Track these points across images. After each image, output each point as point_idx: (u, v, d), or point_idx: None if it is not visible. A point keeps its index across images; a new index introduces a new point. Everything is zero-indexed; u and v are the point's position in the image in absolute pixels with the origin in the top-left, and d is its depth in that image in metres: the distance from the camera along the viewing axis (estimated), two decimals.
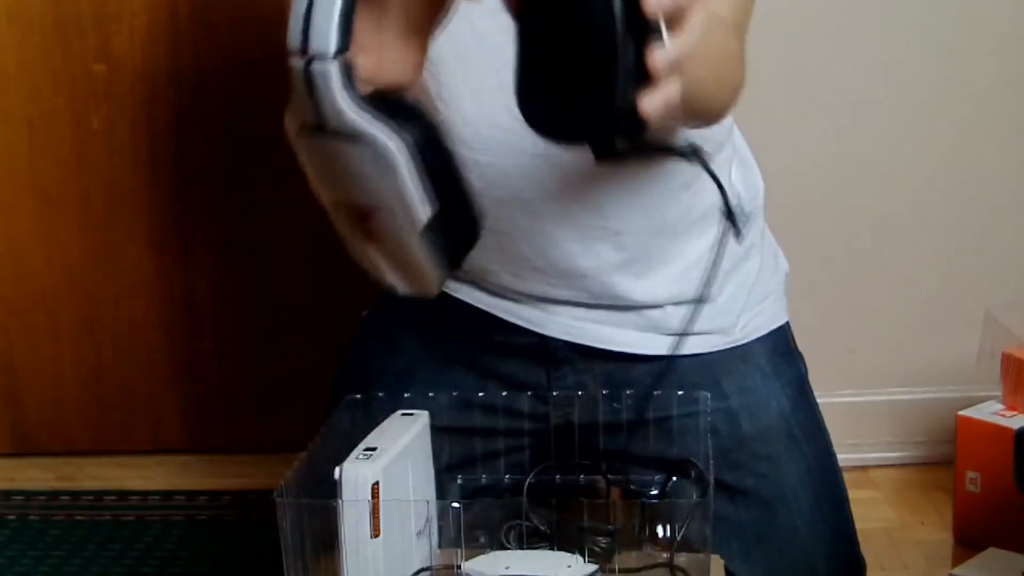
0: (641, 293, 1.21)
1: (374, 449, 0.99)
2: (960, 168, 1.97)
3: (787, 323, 1.32)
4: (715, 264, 1.21)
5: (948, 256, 1.99)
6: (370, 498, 0.95)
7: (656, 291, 1.22)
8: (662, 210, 1.19)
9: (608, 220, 1.17)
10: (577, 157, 1.11)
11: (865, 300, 1.98)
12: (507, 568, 0.98)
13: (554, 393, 1.23)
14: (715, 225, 1.23)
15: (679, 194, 1.20)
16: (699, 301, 1.23)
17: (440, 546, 1.04)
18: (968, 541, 1.74)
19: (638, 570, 1.01)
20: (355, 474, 0.96)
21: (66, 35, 1.95)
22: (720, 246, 1.23)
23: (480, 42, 1.09)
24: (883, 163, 1.94)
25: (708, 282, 1.22)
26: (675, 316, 1.23)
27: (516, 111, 0.83)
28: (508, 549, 1.01)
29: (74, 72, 1.96)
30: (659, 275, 1.21)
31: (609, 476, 1.11)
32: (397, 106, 0.85)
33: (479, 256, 1.20)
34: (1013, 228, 1.99)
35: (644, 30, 0.77)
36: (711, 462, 1.05)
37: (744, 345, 1.25)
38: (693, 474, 1.10)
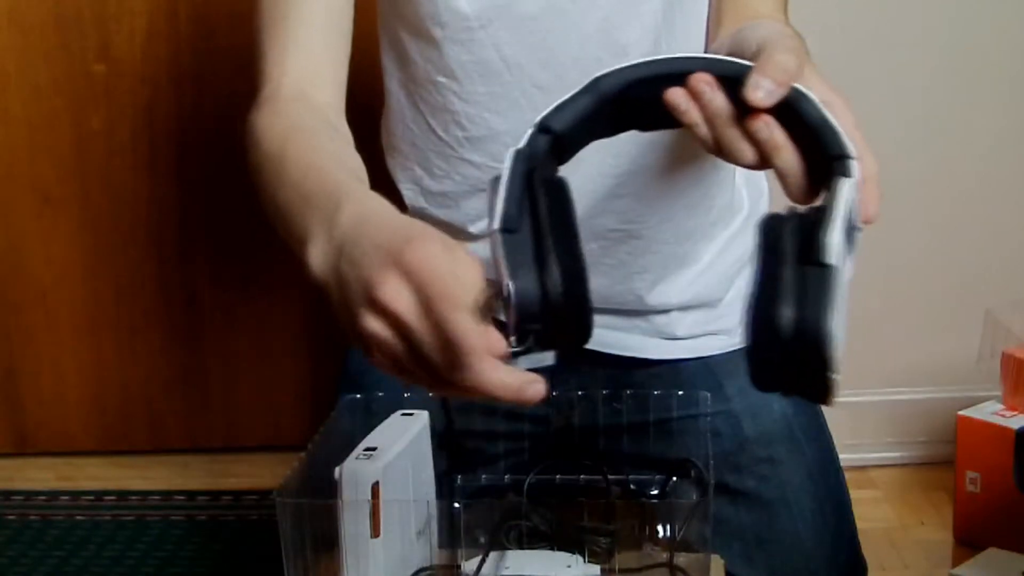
0: (654, 299, 1.21)
1: (374, 449, 0.99)
2: (960, 168, 1.97)
3: None
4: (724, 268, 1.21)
5: (948, 256, 1.99)
6: (370, 498, 0.95)
7: (668, 297, 1.21)
8: (683, 215, 1.19)
9: (632, 224, 1.17)
10: (604, 164, 1.12)
11: (865, 300, 1.98)
12: (507, 568, 0.98)
13: (554, 394, 1.22)
14: (725, 227, 1.23)
15: (699, 198, 1.20)
16: (704, 306, 1.23)
17: (440, 546, 1.04)
18: (968, 541, 1.74)
19: (638, 570, 1.01)
20: (355, 474, 0.95)
21: (66, 36, 1.95)
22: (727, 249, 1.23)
23: (507, 65, 1.11)
24: (883, 164, 1.93)
25: (716, 286, 1.22)
26: (680, 322, 1.23)
27: None
28: (508, 549, 1.00)
29: (74, 72, 1.96)
30: (674, 281, 1.21)
31: (609, 476, 1.10)
32: None
33: None
34: (1013, 228, 1.99)
35: None
36: (711, 462, 1.04)
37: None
38: (693, 474, 1.10)
